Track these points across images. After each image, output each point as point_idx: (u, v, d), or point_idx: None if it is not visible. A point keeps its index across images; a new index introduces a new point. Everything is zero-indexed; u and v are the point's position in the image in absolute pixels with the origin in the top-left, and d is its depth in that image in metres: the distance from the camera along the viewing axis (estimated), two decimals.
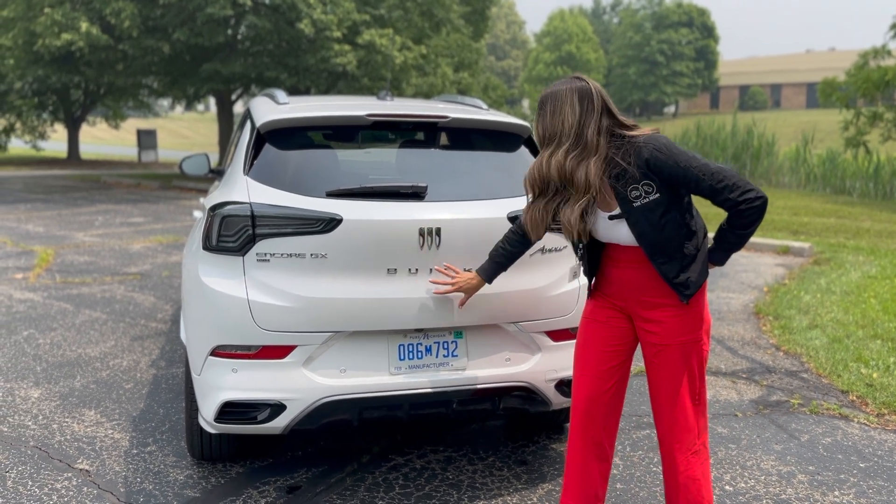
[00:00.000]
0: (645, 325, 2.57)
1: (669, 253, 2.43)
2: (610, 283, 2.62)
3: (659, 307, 2.53)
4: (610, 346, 2.63)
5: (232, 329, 2.88)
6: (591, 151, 2.37)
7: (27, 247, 9.35)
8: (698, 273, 2.48)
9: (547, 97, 2.44)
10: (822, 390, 4.65)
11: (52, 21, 14.60)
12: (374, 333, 2.98)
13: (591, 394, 2.64)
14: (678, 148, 2.37)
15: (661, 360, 2.55)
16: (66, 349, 5.21)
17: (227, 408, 2.91)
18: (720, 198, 2.37)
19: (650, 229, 2.40)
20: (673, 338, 2.52)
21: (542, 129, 2.43)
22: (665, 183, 2.37)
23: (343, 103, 3.61)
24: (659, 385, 2.59)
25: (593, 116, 2.38)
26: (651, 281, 2.51)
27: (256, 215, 2.87)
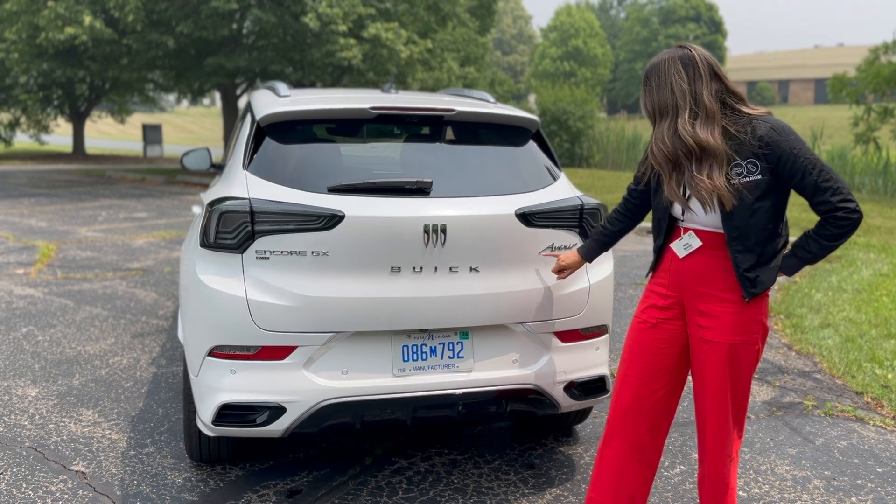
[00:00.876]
0: (699, 320, 2.47)
1: (750, 243, 2.34)
2: (668, 268, 2.54)
3: (718, 301, 2.43)
4: (659, 347, 2.55)
5: (230, 329, 2.79)
6: (713, 117, 2.30)
7: (29, 242, 9.28)
8: (768, 275, 2.39)
9: (650, 70, 2.38)
10: (836, 391, 4.54)
11: (55, 14, 14.51)
12: (377, 334, 2.88)
13: (636, 394, 2.57)
14: (795, 133, 2.30)
15: (711, 359, 2.45)
16: (66, 346, 5.13)
17: (226, 410, 2.82)
18: (820, 198, 2.28)
19: (740, 210, 2.30)
20: (727, 336, 2.42)
21: (651, 104, 2.37)
22: (771, 166, 2.28)
23: (346, 96, 3.51)
24: (705, 385, 2.49)
25: (703, 81, 2.31)
26: (717, 272, 2.42)
27: (256, 211, 2.77)
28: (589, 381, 3.17)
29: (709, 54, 2.36)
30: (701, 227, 2.44)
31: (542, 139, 3.37)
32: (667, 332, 2.55)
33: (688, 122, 2.29)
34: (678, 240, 2.49)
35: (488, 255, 2.94)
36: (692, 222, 2.46)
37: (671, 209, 2.51)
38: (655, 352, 2.55)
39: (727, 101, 2.34)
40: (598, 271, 3.21)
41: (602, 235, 2.86)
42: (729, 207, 2.30)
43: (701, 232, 2.44)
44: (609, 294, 3.27)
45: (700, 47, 2.38)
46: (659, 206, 2.55)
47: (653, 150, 2.38)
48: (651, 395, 2.56)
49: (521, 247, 2.99)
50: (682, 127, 2.30)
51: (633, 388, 2.57)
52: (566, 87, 24.06)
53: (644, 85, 2.41)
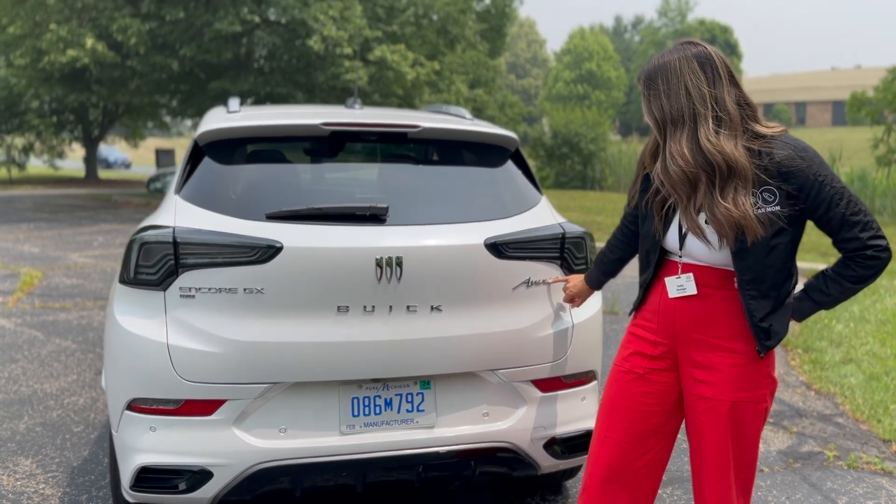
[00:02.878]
0: (696, 373, 2.06)
1: (765, 287, 1.94)
2: (659, 311, 2.11)
3: (719, 351, 2.02)
4: (645, 405, 2.12)
5: (149, 379, 2.40)
6: (736, 127, 1.89)
7: (16, 269, 8.99)
8: (782, 324, 1.99)
9: (656, 72, 1.94)
10: (860, 439, 4.07)
11: (57, 37, 14.42)
12: (322, 385, 2.48)
13: (617, 460, 2.13)
14: (820, 157, 1.91)
15: (710, 420, 2.04)
16: (23, 384, 4.77)
17: (145, 473, 2.42)
18: (847, 234, 1.89)
19: (755, 249, 1.90)
20: (729, 393, 2.01)
21: (661, 111, 1.93)
22: (791, 195, 1.89)
23: (302, 111, 3.14)
24: (703, 450, 2.08)
25: (723, 85, 1.89)
26: (718, 315, 2.02)
27: (179, 242, 2.39)
28: (573, 437, 2.74)
29: (724, 55, 1.96)
30: (700, 263, 2.03)
31: (521, 159, 2.98)
32: (656, 385, 2.13)
33: (712, 132, 1.87)
34: (674, 277, 2.07)
35: (453, 292, 2.54)
36: (690, 257, 2.05)
37: (663, 240, 2.10)
38: (641, 409, 2.14)
39: (745, 114, 1.94)
40: (582, 309, 2.79)
41: (603, 264, 2.52)
42: (752, 240, 1.89)
43: (700, 268, 2.03)
44: (597, 335, 2.86)
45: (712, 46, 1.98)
46: (648, 235, 2.15)
47: (667, 168, 1.94)
48: (635, 461, 2.14)
49: (492, 282, 2.59)
50: (705, 138, 1.87)
51: (614, 453, 2.15)
52: (578, 110, 23.73)
53: (647, 89, 1.97)
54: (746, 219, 1.87)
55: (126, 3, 15.84)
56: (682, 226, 2.03)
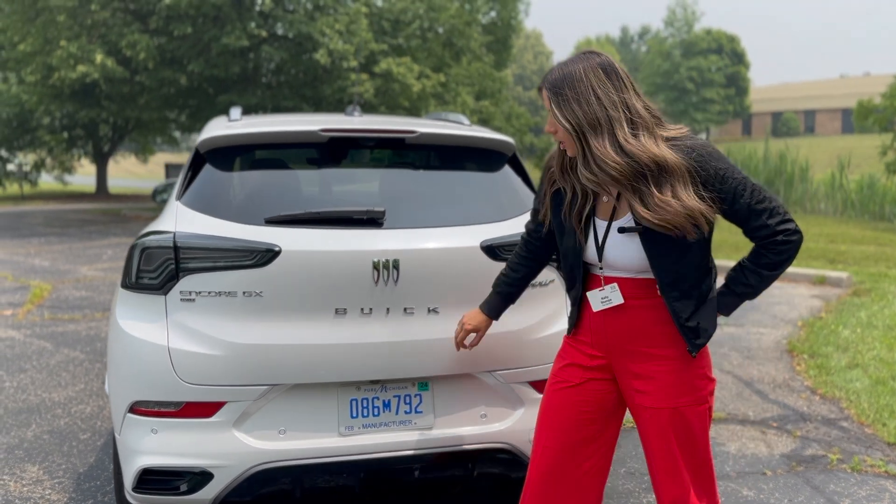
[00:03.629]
0: (634, 384, 2.06)
1: (686, 287, 1.95)
2: (593, 325, 2.11)
3: (654, 359, 2.02)
4: (582, 413, 2.11)
5: (151, 382, 2.44)
6: (651, 128, 1.89)
7: (27, 281, 9.08)
8: (710, 321, 2.00)
9: (561, 81, 1.91)
10: (864, 442, 4.06)
11: (67, 54, 14.60)
12: (321, 387, 2.51)
13: (551, 470, 2.11)
14: (720, 152, 1.91)
15: (655, 428, 2.03)
16: (31, 393, 4.82)
17: (147, 475, 2.46)
18: (755, 223, 1.91)
19: (671, 250, 1.91)
20: (670, 399, 2.01)
21: (575, 119, 1.89)
22: (697, 192, 1.89)
23: (301, 119, 3.19)
24: (653, 457, 2.07)
25: (629, 92, 1.90)
26: (653, 325, 2.01)
27: (180, 247, 2.44)
28: None
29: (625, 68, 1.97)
30: (621, 275, 2.03)
31: (518, 164, 3.01)
32: (593, 393, 2.12)
33: (629, 135, 1.87)
34: (597, 290, 2.06)
35: (449, 295, 2.57)
36: (611, 269, 2.04)
37: (584, 254, 2.07)
38: (579, 418, 2.11)
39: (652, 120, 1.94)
40: None
41: (505, 286, 2.37)
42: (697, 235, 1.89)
43: (622, 280, 2.03)
44: None
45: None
46: (569, 250, 2.11)
47: (595, 171, 1.89)
48: (576, 468, 2.11)
49: (488, 284, 2.60)
50: (624, 140, 1.87)
51: (554, 462, 2.11)
52: None
53: (555, 97, 1.92)
54: (694, 212, 1.86)
55: (135, 19, 16.04)
56: (599, 238, 2.02)
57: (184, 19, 15.39)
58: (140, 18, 16.17)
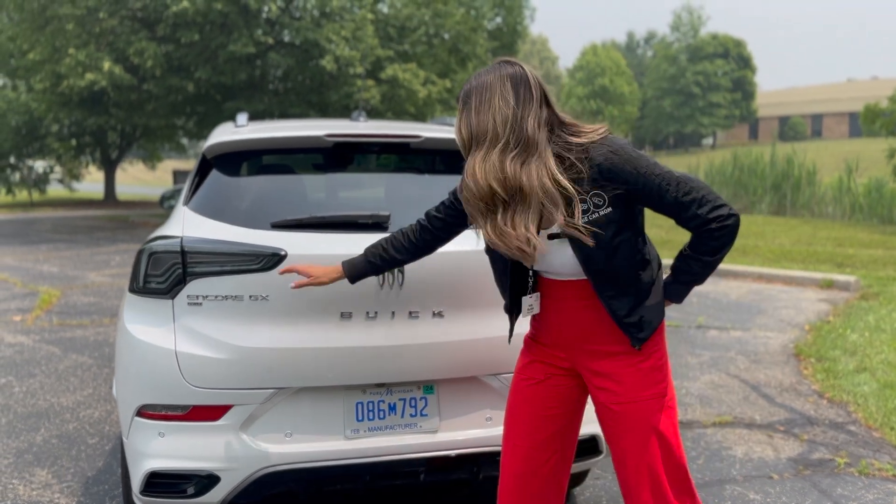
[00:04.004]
0: (597, 381, 2.07)
1: (620, 284, 1.96)
2: (548, 328, 2.13)
3: (612, 357, 2.04)
4: (548, 409, 2.13)
5: (158, 386, 2.46)
6: (533, 149, 1.87)
7: (35, 287, 9.13)
8: (654, 312, 2.01)
9: (471, 90, 1.92)
10: (872, 446, 4.05)
11: (76, 62, 14.71)
12: (327, 390, 2.53)
13: (524, 469, 2.13)
14: (637, 151, 1.91)
15: (623, 426, 2.03)
16: (40, 398, 4.85)
17: (154, 479, 2.47)
18: (686, 214, 1.91)
19: (599, 252, 1.92)
20: (633, 394, 2.02)
21: (468, 129, 1.92)
22: (618, 194, 1.90)
23: (306, 124, 3.21)
24: (623, 458, 2.06)
25: (531, 107, 1.88)
26: (600, 324, 2.03)
27: (187, 251, 2.46)
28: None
29: (539, 76, 1.95)
30: (559, 278, 2.04)
31: None
32: (557, 389, 2.13)
33: (506, 155, 1.86)
34: (526, 296, 2.07)
35: (454, 298, 2.59)
36: (549, 272, 2.04)
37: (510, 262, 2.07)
38: (545, 413, 2.13)
39: (559, 132, 1.93)
40: None
41: (379, 258, 2.29)
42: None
43: (565, 283, 2.04)
44: None
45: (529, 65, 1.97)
46: (497, 258, 2.11)
47: (467, 184, 1.91)
48: (543, 465, 2.14)
49: (492, 287, 2.61)
50: (493, 161, 1.87)
51: (521, 463, 2.13)
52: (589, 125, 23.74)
53: (462, 106, 1.94)
54: (524, 242, 1.87)
55: (142, 26, 16.15)
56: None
57: (191, 27, 15.48)
58: (147, 26, 16.29)
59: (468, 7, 19.96)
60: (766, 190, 19.45)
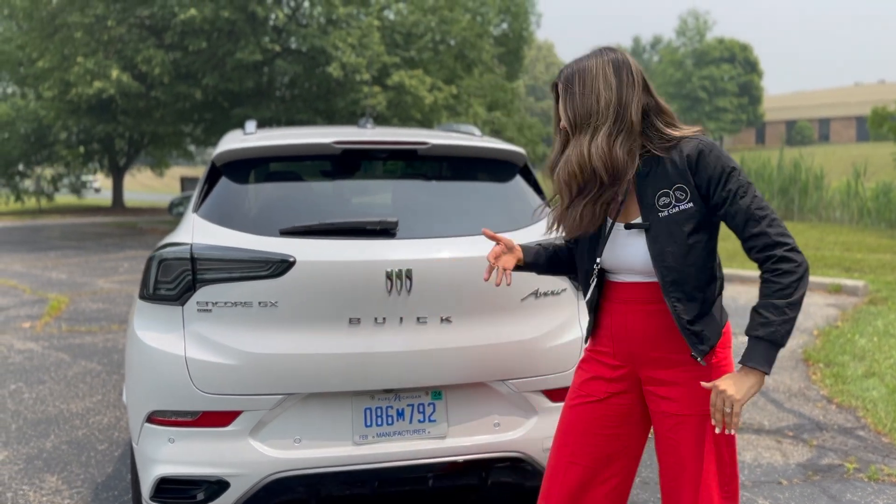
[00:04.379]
0: (658, 390, 2.01)
1: (689, 289, 1.91)
2: (610, 334, 2.07)
3: (680, 366, 1.98)
4: (606, 428, 2.07)
5: (168, 392, 2.47)
6: (636, 134, 1.92)
7: (44, 294, 9.18)
8: (714, 329, 1.95)
9: (573, 73, 1.94)
10: (882, 451, 4.03)
11: (84, 70, 14.81)
12: (335, 395, 2.54)
13: (579, 486, 2.06)
14: (727, 153, 1.92)
15: (680, 437, 1.98)
16: (50, 404, 4.88)
17: (164, 484, 2.49)
18: (755, 229, 1.84)
19: (674, 248, 1.89)
20: (696, 406, 1.96)
21: (574, 112, 1.93)
22: (700, 190, 1.89)
23: (314, 131, 3.23)
24: (675, 470, 2.01)
25: (635, 91, 1.91)
26: (667, 330, 1.97)
27: (197, 258, 2.48)
28: None
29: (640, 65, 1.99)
30: (635, 279, 2.00)
31: (529, 174, 3.04)
32: (616, 408, 2.07)
33: (611, 138, 1.90)
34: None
35: (462, 304, 2.59)
36: (619, 272, 2.03)
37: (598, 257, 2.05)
38: (605, 433, 2.07)
39: (654, 120, 1.96)
40: None
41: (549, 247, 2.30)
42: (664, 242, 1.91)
43: (637, 285, 2.00)
44: None
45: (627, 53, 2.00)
46: (583, 254, 2.10)
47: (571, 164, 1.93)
48: (603, 483, 2.07)
49: (501, 293, 2.64)
50: (600, 143, 1.89)
51: (580, 479, 2.07)
52: None
53: (566, 90, 1.95)
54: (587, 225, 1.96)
55: (150, 34, 16.26)
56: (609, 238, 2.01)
57: (198, 34, 15.57)
58: (155, 34, 16.39)
59: (474, 13, 20.02)
60: (774, 194, 19.39)
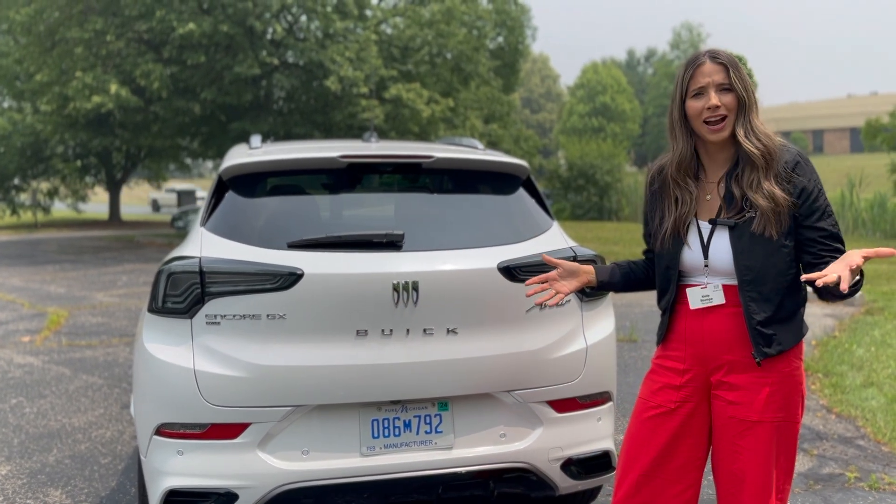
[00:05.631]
0: (728, 395, 2.02)
1: (766, 290, 1.94)
2: (684, 337, 2.08)
3: (752, 370, 1.99)
4: (680, 437, 2.07)
5: (177, 404, 2.49)
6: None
7: (43, 308, 9.18)
8: (788, 336, 1.98)
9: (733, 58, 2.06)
10: (882, 460, 4.06)
11: (83, 84, 14.86)
12: (343, 407, 2.56)
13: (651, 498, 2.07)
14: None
15: (747, 444, 1.98)
16: (52, 419, 4.88)
17: (173, 497, 2.50)
18: (834, 244, 1.96)
19: (756, 249, 1.94)
20: (766, 412, 1.97)
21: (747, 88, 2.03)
22: (793, 198, 1.97)
23: (320, 145, 3.27)
24: (735, 480, 2.00)
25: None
26: (745, 333, 1.99)
27: (206, 271, 2.50)
28: (590, 458, 2.79)
29: None
30: (721, 281, 2.03)
31: (532, 186, 3.08)
32: (686, 417, 2.08)
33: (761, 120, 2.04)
34: (697, 288, 2.05)
35: (468, 315, 2.62)
36: (712, 272, 2.03)
37: (682, 254, 2.07)
38: (675, 443, 2.08)
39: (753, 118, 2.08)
40: (596, 331, 2.86)
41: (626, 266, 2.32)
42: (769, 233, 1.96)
43: (724, 287, 2.03)
44: (611, 356, 2.91)
45: None
46: (667, 250, 2.10)
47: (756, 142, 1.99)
48: (677, 496, 2.08)
49: (506, 305, 2.67)
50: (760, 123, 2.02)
51: (653, 491, 2.08)
52: (593, 142, 23.96)
53: (734, 70, 2.02)
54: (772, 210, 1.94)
55: (148, 48, 16.33)
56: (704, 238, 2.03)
57: (197, 49, 15.65)
58: (154, 48, 16.46)
59: (470, 27, 20.16)
60: None
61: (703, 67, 2.02)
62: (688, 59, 2.08)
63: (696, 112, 2.02)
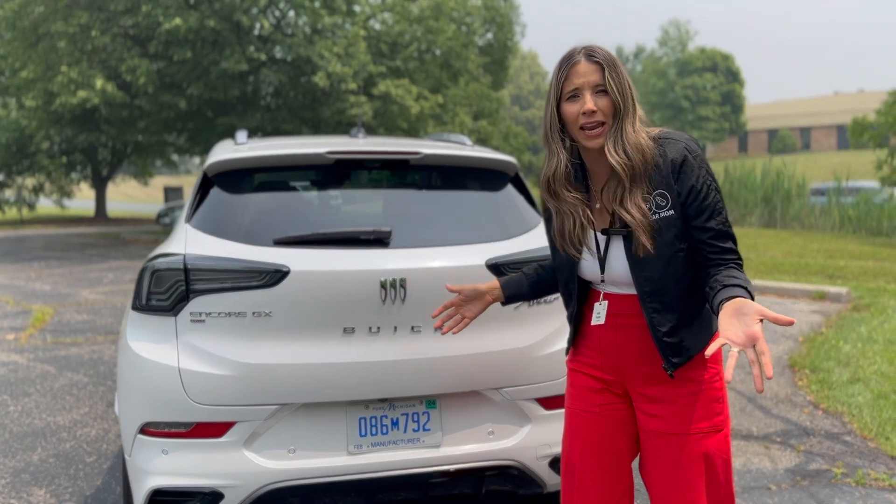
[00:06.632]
0: (646, 407, 1.93)
1: (667, 300, 1.84)
2: (597, 347, 2.00)
3: (667, 382, 1.90)
4: (613, 438, 2.00)
5: (161, 403, 2.46)
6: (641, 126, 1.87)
7: (28, 306, 9.09)
8: (696, 340, 1.87)
9: (612, 58, 1.84)
10: (868, 456, 4.08)
11: (68, 80, 14.71)
12: (330, 405, 2.54)
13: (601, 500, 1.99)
14: (707, 161, 1.86)
15: (668, 457, 1.90)
16: (36, 417, 4.83)
17: (157, 496, 2.47)
18: (723, 244, 1.81)
19: (652, 259, 1.82)
20: (688, 425, 1.87)
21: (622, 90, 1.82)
22: (680, 198, 1.81)
23: (307, 141, 3.24)
24: (665, 495, 1.91)
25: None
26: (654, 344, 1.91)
27: (190, 268, 2.47)
28: None
29: None
30: (623, 291, 1.93)
31: (520, 183, 3.06)
32: (613, 419, 2.00)
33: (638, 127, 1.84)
34: (597, 303, 1.97)
35: None
36: (610, 283, 1.94)
37: (577, 267, 1.97)
38: (611, 445, 2.00)
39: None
40: None
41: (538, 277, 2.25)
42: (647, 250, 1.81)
43: (625, 297, 1.93)
44: None
45: None
46: (563, 262, 2.01)
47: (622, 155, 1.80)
48: (619, 500, 2.01)
49: None
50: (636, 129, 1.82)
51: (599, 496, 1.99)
52: None
53: (611, 69, 1.81)
54: (643, 225, 1.80)
55: (134, 44, 16.19)
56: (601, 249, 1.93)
57: (183, 44, 15.53)
58: (140, 43, 16.32)
59: (459, 23, 20.11)
60: (757, 202, 19.59)
61: (578, 67, 1.82)
62: (562, 57, 1.87)
63: (572, 117, 1.84)
